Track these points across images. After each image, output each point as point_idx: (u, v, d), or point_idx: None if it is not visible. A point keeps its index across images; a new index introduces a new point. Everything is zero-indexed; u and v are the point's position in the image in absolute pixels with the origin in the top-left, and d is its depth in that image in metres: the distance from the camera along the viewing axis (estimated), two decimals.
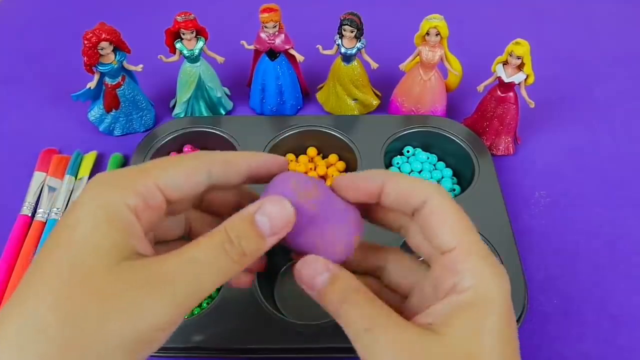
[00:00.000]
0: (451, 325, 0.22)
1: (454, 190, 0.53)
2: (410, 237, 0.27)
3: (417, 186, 0.25)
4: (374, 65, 0.57)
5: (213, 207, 0.29)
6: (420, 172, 0.54)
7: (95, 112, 0.58)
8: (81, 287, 0.20)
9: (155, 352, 0.42)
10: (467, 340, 0.22)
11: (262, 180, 0.27)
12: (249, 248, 0.23)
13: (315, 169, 0.54)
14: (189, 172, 0.24)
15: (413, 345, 0.22)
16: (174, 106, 0.61)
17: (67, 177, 0.53)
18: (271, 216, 0.24)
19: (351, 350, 0.24)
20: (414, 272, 0.27)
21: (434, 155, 0.56)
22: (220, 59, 0.57)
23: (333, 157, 0.55)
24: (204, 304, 0.45)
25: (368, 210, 0.28)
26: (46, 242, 0.22)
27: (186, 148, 0.56)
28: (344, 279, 0.24)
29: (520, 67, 0.51)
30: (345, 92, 0.59)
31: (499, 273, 0.23)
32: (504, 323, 0.22)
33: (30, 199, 0.51)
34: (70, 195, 0.52)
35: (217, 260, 0.23)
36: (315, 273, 0.24)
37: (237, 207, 0.25)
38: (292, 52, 0.56)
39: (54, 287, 0.20)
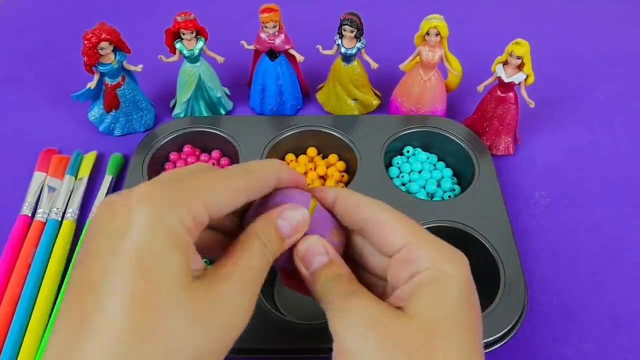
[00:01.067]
0: (413, 301, 0.24)
1: (454, 190, 0.53)
2: (365, 258, 0.30)
3: (362, 201, 0.28)
4: (374, 65, 0.57)
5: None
6: (420, 172, 0.54)
7: (95, 112, 0.58)
8: (160, 314, 0.20)
9: None
10: (427, 311, 0.24)
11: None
12: (274, 250, 0.26)
13: (315, 169, 0.54)
14: (234, 193, 0.25)
15: (383, 318, 0.24)
16: (174, 106, 0.61)
17: (67, 177, 0.53)
18: (291, 221, 0.27)
19: None
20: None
21: (434, 155, 0.56)
22: (220, 59, 0.57)
23: (333, 157, 0.55)
24: None
25: None
26: (99, 251, 0.21)
27: (186, 148, 0.56)
28: (338, 266, 0.27)
29: (520, 67, 0.51)
30: (345, 92, 0.59)
31: (455, 255, 0.26)
32: (463, 295, 0.25)
33: (30, 199, 0.51)
34: (70, 195, 0.52)
35: (262, 263, 0.25)
36: (316, 253, 0.27)
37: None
38: (292, 52, 0.56)
39: (130, 310, 0.20)
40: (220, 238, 0.29)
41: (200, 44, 0.55)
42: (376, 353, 0.23)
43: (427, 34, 0.53)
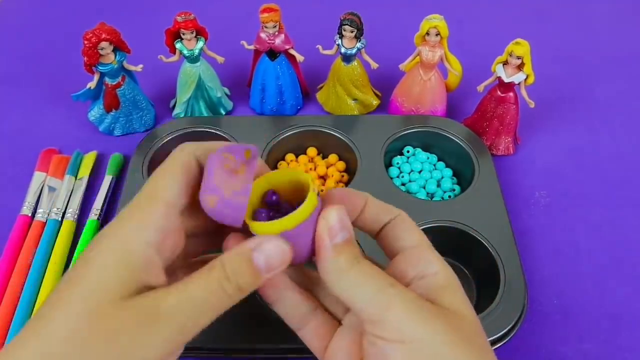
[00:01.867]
0: (443, 299, 0.25)
1: (454, 190, 0.53)
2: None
3: (388, 206, 0.29)
4: (374, 65, 0.57)
5: None
6: (420, 172, 0.54)
7: (95, 112, 0.58)
8: (89, 323, 0.22)
9: None
10: (456, 306, 0.25)
11: None
12: (245, 284, 0.24)
13: (315, 169, 0.54)
14: (179, 183, 0.26)
15: (426, 305, 0.24)
16: (174, 106, 0.61)
17: (67, 177, 0.53)
18: (268, 255, 0.24)
19: None
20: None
21: (434, 155, 0.56)
22: (220, 59, 0.57)
23: (333, 157, 0.55)
24: None
25: None
26: (69, 271, 0.24)
27: None
28: (355, 245, 0.26)
29: (520, 67, 0.51)
30: (345, 92, 0.59)
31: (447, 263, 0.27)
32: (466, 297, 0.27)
33: (30, 199, 0.51)
34: (70, 195, 0.52)
35: (213, 296, 0.24)
36: (342, 226, 0.25)
37: None
38: (292, 52, 0.56)
39: (67, 321, 0.22)
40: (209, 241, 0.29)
41: (200, 44, 0.55)
42: (444, 340, 0.23)
43: (427, 34, 0.53)
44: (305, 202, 0.24)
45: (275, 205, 0.26)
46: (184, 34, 0.53)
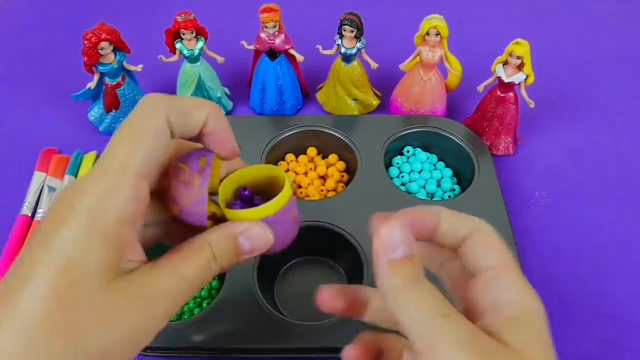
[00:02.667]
0: (507, 334, 0.22)
1: (454, 190, 0.53)
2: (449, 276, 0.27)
3: (465, 217, 0.25)
4: (374, 65, 0.57)
5: None
6: (420, 172, 0.54)
7: (95, 112, 0.58)
8: (74, 309, 0.21)
9: (156, 352, 0.42)
10: (521, 343, 0.22)
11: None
12: (227, 264, 0.25)
13: (315, 169, 0.54)
14: (155, 145, 0.24)
15: (482, 341, 0.22)
16: None
17: (67, 177, 0.53)
18: (254, 240, 0.25)
19: None
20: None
21: (434, 155, 0.56)
22: (220, 59, 0.57)
23: (333, 157, 0.55)
24: (204, 304, 0.45)
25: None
26: (36, 243, 0.22)
27: None
28: (418, 261, 0.23)
29: (520, 67, 0.51)
30: (345, 92, 0.59)
31: (533, 289, 0.25)
32: (547, 329, 0.24)
33: (30, 198, 0.51)
34: None
35: (203, 275, 0.24)
36: (399, 241, 0.23)
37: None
38: (292, 52, 0.56)
39: (46, 300, 0.20)
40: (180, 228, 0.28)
41: (200, 43, 0.55)
42: None
43: (427, 34, 0.53)
44: (282, 191, 0.25)
45: (248, 199, 0.27)
46: (184, 34, 0.53)
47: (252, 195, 0.27)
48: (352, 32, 0.53)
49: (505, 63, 0.52)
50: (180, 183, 0.25)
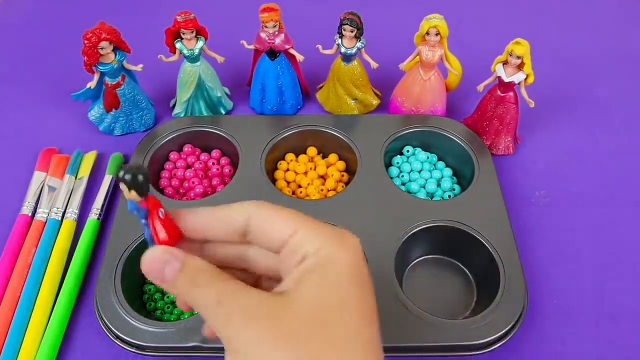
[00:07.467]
0: (300, 285, 0.24)
1: (454, 190, 0.53)
2: (252, 262, 0.28)
3: (234, 209, 0.27)
4: (374, 64, 0.57)
5: None
6: (420, 171, 0.54)
7: (95, 111, 0.58)
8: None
9: (156, 352, 0.42)
10: (312, 292, 0.24)
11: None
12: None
13: (315, 169, 0.54)
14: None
15: (262, 308, 0.23)
16: (174, 106, 0.61)
17: (67, 176, 0.53)
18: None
19: None
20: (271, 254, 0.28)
21: (434, 155, 0.56)
22: (220, 59, 0.57)
23: (333, 157, 0.55)
24: None
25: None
26: None
27: (186, 148, 0.56)
28: (191, 263, 0.25)
29: (520, 67, 0.51)
30: (345, 92, 0.59)
31: (342, 240, 0.26)
32: (350, 278, 0.25)
33: (30, 198, 0.51)
34: (70, 195, 0.52)
35: None
36: (164, 264, 0.25)
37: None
38: (292, 51, 0.56)
39: None
40: None
41: (201, 43, 0.55)
42: (262, 348, 0.22)
43: (427, 33, 0.53)
44: None
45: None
46: (184, 33, 0.53)
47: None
48: (352, 31, 0.53)
49: (505, 63, 0.52)
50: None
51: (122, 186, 0.24)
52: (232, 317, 0.23)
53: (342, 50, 0.55)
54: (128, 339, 0.40)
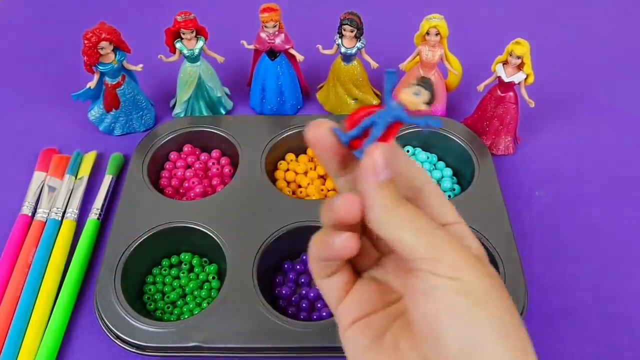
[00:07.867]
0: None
1: (454, 189, 0.53)
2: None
3: (418, 169, 0.29)
4: (373, 64, 0.57)
5: None
6: None
7: (95, 111, 0.58)
8: None
9: (156, 352, 0.42)
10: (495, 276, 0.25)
11: None
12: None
13: (315, 169, 0.54)
14: None
15: (471, 252, 0.25)
16: (174, 106, 0.61)
17: (67, 176, 0.53)
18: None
19: None
20: None
21: (434, 155, 0.56)
22: (220, 59, 0.57)
23: None
24: (204, 304, 0.45)
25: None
26: None
27: (186, 148, 0.56)
28: (398, 189, 0.25)
29: (520, 67, 0.51)
30: (345, 92, 0.59)
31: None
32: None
33: (30, 198, 0.51)
34: (70, 195, 0.52)
35: None
36: (385, 165, 0.24)
37: None
38: (292, 51, 0.56)
39: None
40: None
41: (201, 43, 0.55)
42: (492, 283, 0.24)
43: (427, 33, 0.53)
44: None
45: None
46: (184, 33, 0.53)
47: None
48: (352, 31, 0.53)
49: (505, 63, 0.52)
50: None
51: (417, 89, 0.25)
52: (459, 243, 0.24)
53: (342, 50, 0.55)
54: (128, 339, 0.40)
